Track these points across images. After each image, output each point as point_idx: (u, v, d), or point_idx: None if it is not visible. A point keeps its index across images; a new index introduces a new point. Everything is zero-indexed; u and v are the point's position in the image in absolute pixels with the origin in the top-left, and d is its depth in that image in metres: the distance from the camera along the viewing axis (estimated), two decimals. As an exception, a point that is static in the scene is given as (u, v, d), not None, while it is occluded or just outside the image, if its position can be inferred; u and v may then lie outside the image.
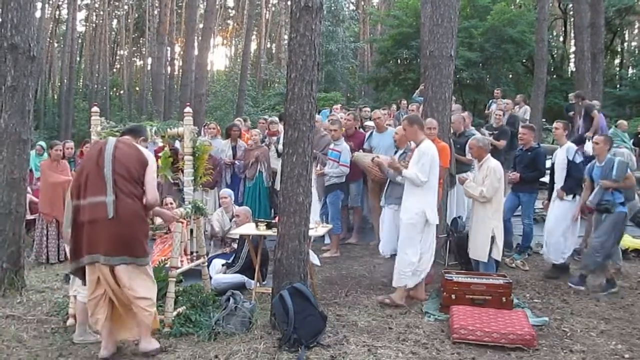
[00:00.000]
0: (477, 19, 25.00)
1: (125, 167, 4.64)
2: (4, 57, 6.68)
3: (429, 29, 8.41)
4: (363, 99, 31.21)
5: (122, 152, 4.69)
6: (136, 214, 4.67)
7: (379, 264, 7.86)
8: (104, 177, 4.56)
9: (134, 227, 4.65)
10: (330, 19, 32.07)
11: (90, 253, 4.59)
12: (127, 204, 4.58)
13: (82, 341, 5.17)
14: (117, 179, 4.58)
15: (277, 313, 5.23)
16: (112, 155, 4.63)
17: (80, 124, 34.81)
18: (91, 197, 4.59)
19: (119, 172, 4.59)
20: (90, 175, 4.64)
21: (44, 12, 35.74)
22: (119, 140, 4.83)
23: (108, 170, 4.57)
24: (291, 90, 5.41)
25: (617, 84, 29.20)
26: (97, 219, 4.55)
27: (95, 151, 4.76)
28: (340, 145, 8.69)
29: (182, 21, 41.61)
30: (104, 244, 4.54)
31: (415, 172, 6.07)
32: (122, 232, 4.57)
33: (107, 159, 4.61)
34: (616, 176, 6.73)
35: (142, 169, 4.71)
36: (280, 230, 5.58)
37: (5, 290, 6.58)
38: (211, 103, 32.02)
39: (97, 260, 4.58)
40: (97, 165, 4.63)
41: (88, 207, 4.59)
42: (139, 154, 4.76)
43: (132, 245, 4.63)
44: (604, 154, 6.95)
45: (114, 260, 4.57)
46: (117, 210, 4.54)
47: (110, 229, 4.54)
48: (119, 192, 4.58)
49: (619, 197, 6.76)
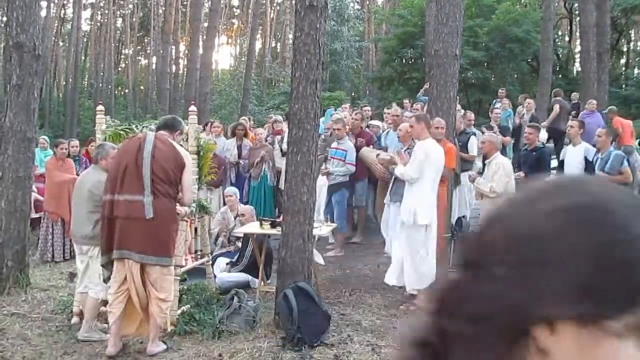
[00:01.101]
0: (482, 18, 24.91)
1: (163, 169, 4.67)
2: (10, 56, 6.72)
3: (434, 28, 8.41)
4: (367, 99, 31.20)
5: (161, 153, 4.70)
6: (171, 215, 4.77)
7: (383, 264, 7.84)
8: (142, 176, 4.59)
9: (168, 228, 4.73)
10: (335, 18, 31.98)
11: (120, 248, 4.63)
12: (163, 205, 4.66)
13: (86, 338, 5.18)
14: (155, 179, 4.61)
15: (281, 312, 5.24)
16: (151, 155, 4.63)
17: (85, 122, 34.82)
18: (128, 194, 4.62)
19: (157, 174, 4.62)
20: (127, 173, 4.66)
21: (49, 11, 35.77)
22: (157, 138, 4.81)
23: (147, 170, 4.59)
24: (296, 89, 5.41)
25: (623, 83, 29.03)
26: (133, 217, 4.59)
27: (133, 147, 4.76)
28: (345, 143, 8.68)
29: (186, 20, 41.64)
30: (139, 243, 4.59)
31: (405, 168, 6.06)
32: (157, 232, 4.65)
33: (145, 158, 4.62)
34: (609, 168, 6.68)
35: (179, 171, 4.76)
36: (284, 229, 5.58)
37: (10, 288, 6.60)
38: (216, 102, 32.03)
39: (127, 256, 4.62)
40: (135, 163, 4.64)
41: (124, 203, 4.61)
42: (177, 156, 4.78)
43: (165, 245, 4.71)
44: (606, 146, 6.90)
45: (149, 259, 4.63)
46: (156, 211, 4.58)
47: (146, 228, 4.59)
48: (156, 192, 4.61)
49: None
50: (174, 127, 5.09)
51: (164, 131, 4.99)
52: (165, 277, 4.75)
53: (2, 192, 6.67)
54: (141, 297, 4.73)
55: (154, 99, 37.69)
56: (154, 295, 4.68)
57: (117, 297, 4.73)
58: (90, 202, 5.22)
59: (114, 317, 4.75)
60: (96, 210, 5.19)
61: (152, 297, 4.70)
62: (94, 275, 5.23)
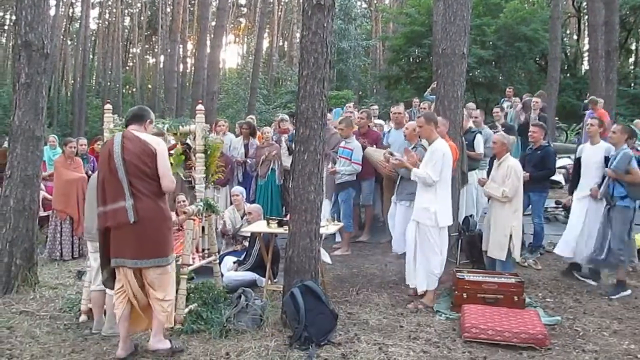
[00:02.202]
0: (489, 16, 24.84)
1: (136, 166, 4.52)
2: (18, 55, 6.73)
3: (441, 26, 8.37)
4: (375, 97, 31.17)
5: (129, 152, 4.55)
6: (158, 214, 4.61)
7: (390, 263, 7.85)
8: (120, 180, 4.49)
9: (157, 228, 4.61)
10: (342, 17, 31.95)
11: (116, 256, 4.59)
12: (146, 206, 4.53)
13: (111, 333, 5.23)
14: (132, 180, 4.50)
15: (288, 311, 5.24)
16: (122, 157, 4.51)
17: (93, 121, 34.99)
18: (112, 203, 4.54)
19: (132, 173, 4.50)
20: (106, 181, 4.59)
21: (57, 9, 35.86)
22: (124, 137, 4.65)
23: (122, 173, 4.49)
24: (303, 88, 5.41)
25: (632, 82, 28.90)
26: (120, 224, 4.51)
27: (105, 154, 4.66)
28: (352, 143, 8.68)
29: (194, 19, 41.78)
30: (131, 248, 4.54)
31: (427, 171, 6.04)
32: (146, 235, 4.56)
33: (117, 162, 4.51)
34: (615, 166, 6.61)
35: (152, 161, 4.57)
36: (291, 228, 5.58)
37: (19, 286, 6.63)
38: (223, 101, 32.06)
39: (122, 264, 4.58)
40: (109, 169, 4.55)
41: (110, 212, 4.55)
42: (144, 147, 4.58)
43: (157, 246, 4.62)
44: (621, 143, 6.80)
45: (143, 263, 4.57)
46: (138, 214, 4.50)
47: (134, 233, 4.51)
48: (137, 193, 4.51)
49: (619, 190, 6.61)
50: (142, 118, 4.87)
51: (133, 124, 4.81)
52: (162, 277, 4.68)
53: (11, 191, 6.69)
54: (140, 299, 4.70)
55: (162, 98, 37.76)
56: (152, 295, 4.66)
57: (118, 298, 4.73)
58: None
59: (117, 316, 4.75)
60: None
61: (151, 297, 4.68)
62: None
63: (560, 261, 7.83)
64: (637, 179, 6.54)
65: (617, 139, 6.80)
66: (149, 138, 4.70)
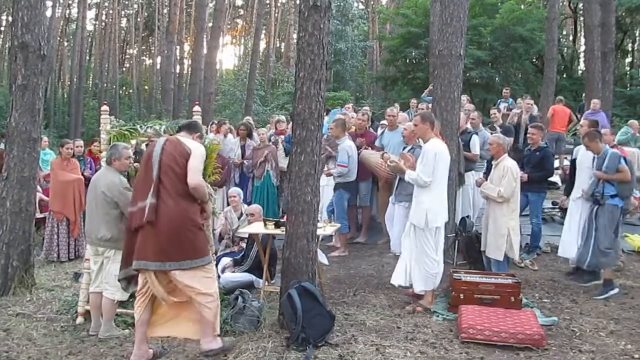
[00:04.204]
0: (485, 16, 24.87)
1: (169, 166, 4.48)
2: (15, 56, 6.72)
3: (438, 28, 8.39)
4: (372, 98, 31.20)
5: (167, 152, 4.53)
6: (179, 215, 4.45)
7: (388, 264, 7.85)
8: (151, 179, 4.45)
9: (178, 229, 4.43)
10: (339, 18, 32.02)
11: (138, 259, 4.45)
12: (168, 207, 4.42)
13: (108, 336, 5.23)
14: (162, 178, 4.45)
15: (285, 312, 5.24)
16: (159, 157, 4.49)
17: (90, 122, 34.97)
18: (140, 202, 4.49)
19: (165, 172, 4.46)
20: (140, 180, 4.59)
21: (54, 11, 35.87)
22: (167, 140, 4.68)
23: (155, 172, 4.46)
24: (300, 89, 5.41)
25: (628, 83, 28.98)
26: (142, 225, 4.42)
27: (146, 155, 4.68)
28: (341, 144, 8.66)
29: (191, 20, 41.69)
30: (153, 250, 4.40)
31: (418, 172, 6.04)
32: (167, 237, 4.40)
33: (155, 161, 4.49)
34: (606, 167, 6.66)
35: (185, 162, 4.51)
36: (288, 229, 5.58)
37: (15, 288, 6.61)
38: (220, 102, 32.09)
39: (145, 267, 4.43)
40: (146, 170, 4.55)
41: (137, 212, 4.49)
42: (182, 148, 4.57)
43: (181, 248, 4.43)
44: (600, 148, 6.86)
45: (167, 266, 4.41)
46: (158, 214, 4.40)
47: (155, 233, 4.39)
48: (162, 193, 4.44)
49: (610, 189, 6.66)
50: (193, 129, 4.95)
51: (183, 132, 4.89)
52: (195, 275, 4.49)
53: (7, 193, 6.68)
54: (168, 302, 4.58)
55: (159, 99, 37.72)
56: (191, 292, 4.50)
57: (137, 301, 4.63)
58: (105, 203, 5.23)
59: (137, 316, 4.64)
60: (111, 211, 5.21)
61: (191, 295, 4.52)
62: (109, 276, 5.23)
63: (557, 262, 7.87)
64: (626, 177, 6.65)
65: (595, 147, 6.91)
66: (190, 142, 4.68)
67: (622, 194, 6.72)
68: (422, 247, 6.07)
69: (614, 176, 6.66)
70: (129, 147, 5.62)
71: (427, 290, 6.16)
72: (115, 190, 5.21)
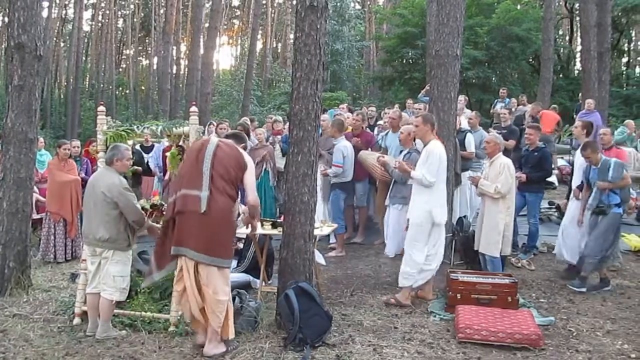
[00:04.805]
0: (481, 16, 24.88)
1: (224, 166, 4.75)
2: (11, 57, 6.71)
3: (434, 28, 8.39)
4: (369, 98, 31.18)
5: (223, 152, 4.81)
6: (226, 213, 4.77)
7: (385, 264, 7.86)
8: (202, 172, 4.69)
9: (222, 226, 4.75)
10: (336, 18, 32.01)
11: (178, 245, 4.72)
12: (219, 201, 4.68)
13: (105, 337, 5.21)
14: (215, 175, 4.69)
15: (282, 312, 5.24)
16: (213, 153, 4.76)
17: (87, 123, 34.88)
18: (185, 189, 4.72)
19: (217, 170, 4.71)
20: (187, 171, 4.83)
21: (50, 11, 35.82)
22: (221, 141, 4.95)
23: (207, 166, 4.70)
24: (296, 89, 5.41)
25: (624, 83, 29.06)
26: (187, 211, 4.67)
27: (195, 148, 4.93)
28: (337, 145, 8.66)
29: (188, 20, 41.73)
30: (194, 239, 4.66)
31: (423, 173, 6.07)
32: (210, 231, 4.66)
33: (207, 156, 4.74)
34: (613, 177, 6.70)
35: (240, 171, 4.83)
36: (285, 229, 5.59)
37: (12, 289, 6.59)
38: (217, 102, 32.05)
39: (184, 253, 4.70)
40: (195, 161, 4.77)
41: (181, 198, 4.72)
42: (239, 157, 4.88)
43: (218, 245, 4.72)
44: (598, 159, 6.86)
45: (201, 258, 4.68)
46: (209, 206, 4.64)
47: (200, 224, 4.65)
48: (214, 188, 4.68)
49: (615, 198, 6.72)
50: (241, 139, 5.28)
51: (231, 139, 5.15)
52: (217, 277, 4.73)
53: (4, 193, 6.66)
54: (196, 295, 4.77)
55: (155, 100, 37.70)
56: (207, 294, 4.72)
57: (178, 296, 4.95)
58: (105, 204, 5.21)
59: (186, 315, 4.97)
60: (111, 212, 5.21)
61: (205, 296, 4.74)
62: (108, 277, 5.24)
63: (553, 262, 7.88)
64: (629, 183, 6.81)
65: (594, 159, 6.90)
66: (245, 154, 4.98)
67: (623, 199, 6.83)
68: (411, 242, 6.15)
69: (617, 184, 6.73)
70: (129, 149, 5.63)
71: (405, 286, 6.21)
72: (115, 190, 5.20)
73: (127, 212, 5.25)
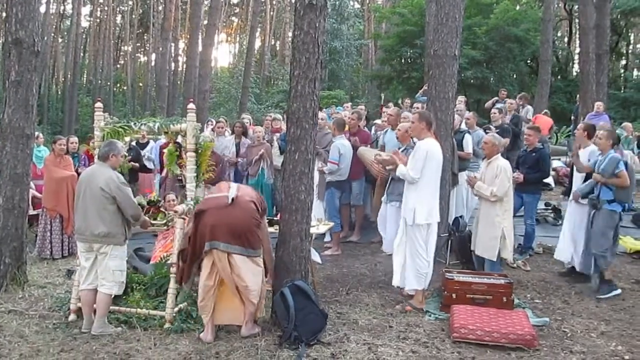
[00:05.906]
0: (480, 16, 24.86)
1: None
2: (8, 52, 6.70)
3: (433, 28, 8.39)
4: (366, 97, 31.18)
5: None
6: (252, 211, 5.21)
7: (380, 262, 7.87)
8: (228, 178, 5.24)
9: (250, 215, 5.16)
10: (335, 17, 31.96)
11: (211, 240, 5.02)
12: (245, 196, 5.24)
13: (101, 333, 5.23)
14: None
15: (278, 310, 5.25)
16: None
17: (84, 119, 34.82)
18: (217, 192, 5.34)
19: None
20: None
21: (48, 7, 35.71)
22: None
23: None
24: (294, 87, 5.42)
25: (622, 85, 29.13)
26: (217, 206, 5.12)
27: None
28: (334, 142, 8.66)
29: (186, 17, 41.56)
30: (224, 232, 5.00)
31: (407, 168, 6.04)
32: (238, 222, 5.06)
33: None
34: (602, 170, 6.60)
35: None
36: (281, 227, 5.60)
37: (8, 285, 6.60)
38: (214, 100, 32.00)
39: (216, 247, 5.03)
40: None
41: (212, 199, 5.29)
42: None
43: (247, 235, 5.08)
44: (607, 149, 6.78)
45: (233, 249, 5.02)
46: (237, 199, 5.15)
47: (229, 216, 5.06)
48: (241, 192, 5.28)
49: (607, 194, 6.60)
50: None
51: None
52: (249, 266, 5.09)
53: (0, 189, 6.66)
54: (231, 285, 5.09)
55: (153, 96, 37.59)
56: (240, 284, 5.05)
57: (206, 290, 5.14)
58: (103, 199, 5.22)
59: (207, 309, 5.13)
60: (109, 207, 5.21)
61: (239, 286, 5.06)
62: (107, 272, 5.26)
63: (549, 263, 7.89)
64: (624, 183, 6.54)
65: (603, 145, 6.79)
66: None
67: (619, 200, 6.63)
68: (414, 246, 6.07)
69: (611, 181, 6.57)
70: (124, 145, 5.65)
71: (418, 289, 6.16)
72: (113, 185, 5.21)
73: (125, 206, 5.26)
